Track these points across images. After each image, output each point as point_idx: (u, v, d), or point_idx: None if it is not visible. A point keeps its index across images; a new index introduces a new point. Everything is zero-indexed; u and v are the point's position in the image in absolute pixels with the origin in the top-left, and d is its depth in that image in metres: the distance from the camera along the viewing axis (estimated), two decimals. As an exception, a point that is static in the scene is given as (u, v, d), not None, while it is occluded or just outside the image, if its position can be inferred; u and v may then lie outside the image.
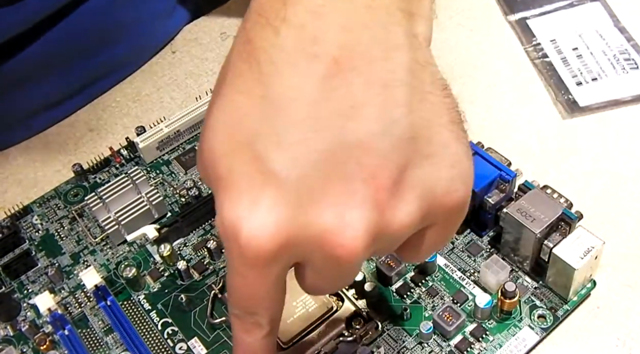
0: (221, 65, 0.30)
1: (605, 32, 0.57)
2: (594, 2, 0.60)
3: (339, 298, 0.41)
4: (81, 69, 0.55)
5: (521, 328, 0.40)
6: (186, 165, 0.51)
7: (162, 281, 0.44)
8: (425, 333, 0.39)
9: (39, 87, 0.53)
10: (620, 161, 0.48)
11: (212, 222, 0.47)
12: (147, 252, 0.46)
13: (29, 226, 0.49)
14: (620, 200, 0.46)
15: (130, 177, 0.47)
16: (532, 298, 0.41)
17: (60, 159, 0.54)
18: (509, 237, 0.42)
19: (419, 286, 0.42)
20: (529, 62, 0.56)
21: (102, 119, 0.57)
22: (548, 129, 0.51)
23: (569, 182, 0.47)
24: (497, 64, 0.57)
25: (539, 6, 0.60)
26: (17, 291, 0.45)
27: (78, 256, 0.46)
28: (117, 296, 0.44)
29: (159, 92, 0.59)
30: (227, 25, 0.64)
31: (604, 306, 0.41)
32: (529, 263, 0.41)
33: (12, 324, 0.43)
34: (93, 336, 0.42)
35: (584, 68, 0.54)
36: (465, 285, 0.42)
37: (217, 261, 0.45)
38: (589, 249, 0.39)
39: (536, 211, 0.40)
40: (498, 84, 0.55)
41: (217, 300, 0.43)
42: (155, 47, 0.61)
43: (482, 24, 0.60)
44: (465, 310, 0.41)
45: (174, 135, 0.51)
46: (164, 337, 0.42)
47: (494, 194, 0.42)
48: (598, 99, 0.52)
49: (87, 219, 0.48)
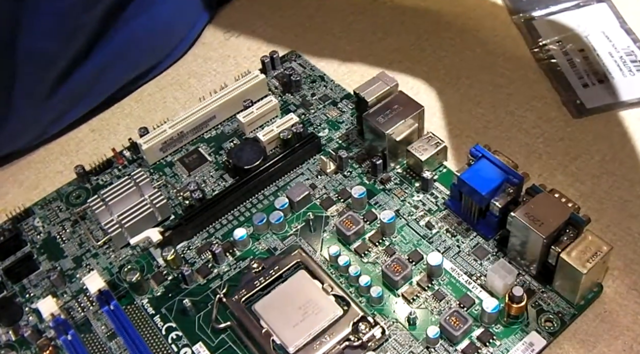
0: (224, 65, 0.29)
1: (611, 34, 0.56)
2: (600, 3, 0.59)
3: (345, 303, 0.41)
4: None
5: (528, 333, 0.40)
6: (190, 167, 0.50)
7: (166, 285, 0.44)
8: (432, 338, 0.39)
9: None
10: (628, 163, 0.48)
11: (216, 225, 0.47)
12: (150, 256, 0.46)
13: (31, 229, 0.48)
14: (628, 203, 0.46)
15: (133, 179, 0.47)
16: (539, 302, 0.41)
17: (61, 160, 0.54)
18: (516, 241, 0.41)
19: (426, 290, 0.42)
20: (535, 63, 0.56)
21: (103, 120, 0.57)
22: (555, 131, 0.51)
23: (576, 185, 0.47)
24: (503, 65, 0.56)
25: (545, 7, 0.60)
26: (19, 295, 0.45)
27: (80, 259, 0.46)
28: (121, 300, 0.43)
29: (161, 92, 0.58)
30: (230, 25, 0.64)
31: (612, 311, 0.41)
32: (536, 267, 0.41)
33: (14, 329, 0.43)
34: (96, 341, 0.42)
35: (590, 70, 0.54)
36: (472, 289, 0.42)
37: (222, 264, 0.44)
38: (597, 254, 0.39)
39: (544, 215, 0.40)
40: (504, 86, 0.55)
41: (222, 304, 0.42)
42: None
43: (488, 25, 0.60)
44: (472, 314, 0.40)
45: (177, 136, 0.51)
46: (168, 342, 0.41)
47: (501, 197, 0.42)
48: (605, 100, 0.52)
49: (90, 222, 0.48)
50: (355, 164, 0.49)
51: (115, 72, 0.56)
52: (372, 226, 0.45)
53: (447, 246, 0.44)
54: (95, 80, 0.55)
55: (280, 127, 0.50)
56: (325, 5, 0.65)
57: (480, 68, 0.56)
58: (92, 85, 0.55)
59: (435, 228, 0.45)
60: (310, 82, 0.56)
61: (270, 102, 0.52)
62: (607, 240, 0.39)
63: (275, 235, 0.46)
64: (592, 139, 0.50)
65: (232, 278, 0.44)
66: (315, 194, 0.48)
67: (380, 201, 0.47)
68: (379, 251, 0.44)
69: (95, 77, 0.55)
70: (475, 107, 0.53)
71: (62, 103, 0.54)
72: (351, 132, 0.51)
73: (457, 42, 0.59)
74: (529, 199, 0.41)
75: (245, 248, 0.45)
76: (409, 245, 0.44)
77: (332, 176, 0.49)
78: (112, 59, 0.55)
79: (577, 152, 0.49)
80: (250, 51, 0.61)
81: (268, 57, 0.56)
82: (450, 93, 0.55)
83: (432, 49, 0.59)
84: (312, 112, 0.53)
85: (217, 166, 0.50)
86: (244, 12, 0.65)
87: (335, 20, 0.63)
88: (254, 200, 0.48)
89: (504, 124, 0.52)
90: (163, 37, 0.59)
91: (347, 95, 0.54)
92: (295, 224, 0.46)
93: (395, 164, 0.49)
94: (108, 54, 0.55)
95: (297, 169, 0.49)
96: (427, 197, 0.47)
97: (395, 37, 0.60)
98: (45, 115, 0.54)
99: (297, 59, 0.58)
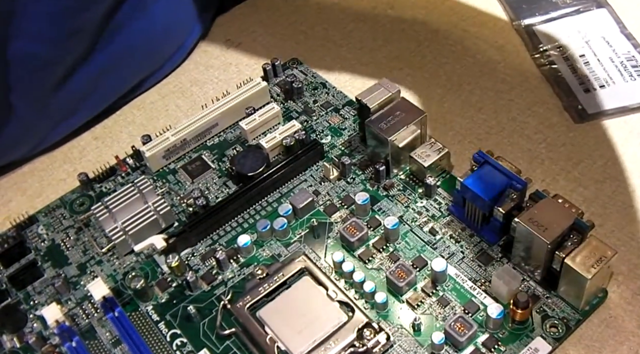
0: (226, 72, 0.29)
1: (612, 39, 0.57)
2: (601, 8, 0.60)
3: (350, 309, 0.41)
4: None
5: (533, 338, 0.40)
6: (193, 174, 0.50)
7: (170, 291, 0.44)
8: (437, 344, 0.39)
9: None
10: (630, 168, 0.48)
11: (220, 232, 0.47)
12: (154, 263, 0.46)
13: (35, 236, 0.48)
14: (631, 208, 0.46)
15: (136, 186, 0.47)
16: (544, 307, 0.41)
17: (65, 167, 0.54)
18: (520, 247, 0.41)
19: (430, 296, 0.42)
20: (536, 69, 0.56)
21: (106, 127, 0.57)
22: (557, 137, 0.51)
23: (579, 190, 0.47)
24: (504, 71, 0.56)
25: (545, 13, 0.60)
26: (24, 302, 0.45)
27: (85, 266, 0.46)
28: (125, 307, 0.43)
29: (164, 100, 0.58)
30: (231, 33, 0.64)
31: (617, 316, 0.41)
32: (541, 273, 0.41)
33: (19, 336, 0.43)
34: (101, 348, 0.42)
35: (591, 75, 0.54)
36: (477, 295, 0.42)
37: (226, 271, 0.45)
38: (601, 259, 0.39)
39: (548, 220, 0.40)
40: (505, 92, 0.55)
41: (226, 311, 0.42)
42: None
43: (488, 31, 0.60)
44: (477, 320, 0.40)
45: (180, 143, 0.51)
46: (173, 349, 0.41)
47: (505, 203, 0.42)
48: (606, 105, 0.52)
49: (94, 229, 0.48)
50: (358, 171, 0.49)
51: (114, 79, 0.56)
52: (376, 232, 0.45)
53: (451, 252, 0.44)
54: (94, 87, 0.55)
55: (282, 134, 0.50)
56: (326, 13, 0.65)
57: (481, 74, 0.56)
58: (90, 92, 0.55)
59: (439, 234, 0.45)
60: (312, 89, 0.56)
61: (272, 109, 0.52)
62: (611, 245, 0.39)
63: (279, 241, 0.46)
64: (595, 144, 0.50)
65: (236, 284, 0.44)
66: (318, 200, 0.48)
67: (384, 207, 0.47)
68: (383, 257, 0.44)
69: (93, 83, 0.54)
70: (477, 113, 0.53)
71: (61, 110, 0.54)
72: (354, 139, 0.52)
73: (458, 49, 0.59)
74: (533, 205, 0.41)
75: (249, 255, 0.45)
76: (413, 251, 0.44)
77: (336, 183, 0.49)
78: (110, 65, 0.55)
79: (580, 157, 0.49)
80: (252, 59, 0.61)
81: (270, 65, 0.57)
82: (452, 99, 0.55)
83: (432, 56, 0.59)
84: (315, 119, 0.53)
85: (220, 173, 0.50)
86: (245, 20, 0.65)
87: (336, 27, 0.63)
88: (257, 207, 0.48)
89: (506, 130, 0.52)
90: (162, 42, 0.59)
91: (349, 102, 0.54)
92: (299, 230, 0.46)
93: (398, 171, 0.49)
94: (105, 60, 0.54)
95: (300, 175, 0.49)
96: (430, 204, 0.47)
97: (396, 44, 0.60)
98: (44, 121, 0.54)
99: (299, 66, 0.58)
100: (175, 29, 0.60)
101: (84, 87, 0.54)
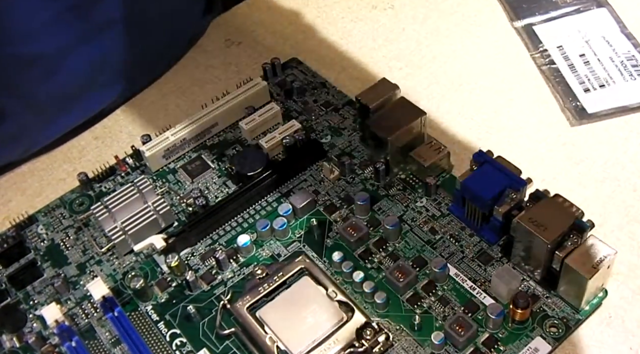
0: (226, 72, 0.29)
1: (612, 39, 0.57)
2: (601, 8, 0.60)
3: (349, 309, 0.41)
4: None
5: (533, 338, 0.40)
6: (192, 173, 0.50)
7: (170, 291, 0.44)
8: (437, 344, 0.39)
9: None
10: (630, 168, 0.48)
11: (220, 231, 0.47)
12: (154, 263, 0.46)
13: (34, 236, 0.48)
14: (631, 207, 0.46)
15: (136, 186, 0.47)
16: (543, 307, 0.41)
17: (64, 167, 0.54)
18: (520, 247, 0.41)
19: (430, 296, 0.42)
20: (536, 68, 0.56)
21: (106, 127, 0.57)
22: (556, 136, 0.51)
23: (578, 190, 0.47)
24: (503, 70, 0.56)
25: (545, 12, 0.60)
26: (23, 302, 0.45)
27: (84, 266, 0.46)
28: (125, 306, 0.43)
29: (163, 100, 0.58)
30: (231, 32, 0.64)
31: (616, 316, 0.41)
32: (540, 272, 0.41)
33: (19, 335, 0.43)
34: (101, 347, 0.42)
35: (591, 74, 0.54)
36: (476, 295, 0.42)
37: (225, 271, 0.44)
38: (602, 259, 0.39)
39: (547, 220, 0.40)
40: (505, 91, 0.55)
41: (226, 311, 0.42)
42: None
43: (488, 30, 0.60)
44: (477, 320, 0.40)
45: (180, 143, 0.51)
46: (173, 348, 0.41)
47: (505, 202, 0.42)
48: (606, 105, 0.52)
49: (93, 229, 0.48)
50: (358, 170, 0.49)
51: (107, 77, 0.55)
52: (375, 232, 0.45)
53: (451, 251, 0.44)
54: (86, 87, 0.54)
55: (282, 134, 0.50)
56: (326, 13, 0.65)
57: (481, 74, 0.56)
58: (82, 92, 0.54)
59: (439, 234, 0.45)
60: (311, 89, 0.56)
61: (272, 109, 0.52)
62: (611, 245, 0.39)
63: (279, 241, 0.46)
64: (595, 144, 0.50)
65: (236, 284, 0.44)
66: (318, 200, 0.48)
67: (384, 207, 0.47)
68: (383, 257, 0.44)
69: (84, 79, 0.54)
70: (477, 112, 0.53)
71: (52, 107, 0.53)
72: (354, 139, 0.51)
73: (458, 48, 0.59)
74: (533, 204, 0.41)
75: (249, 254, 0.45)
76: (412, 251, 0.44)
77: (335, 182, 0.49)
78: (100, 62, 0.54)
79: (580, 157, 0.49)
80: (252, 58, 0.61)
81: (269, 64, 0.57)
82: (452, 99, 0.55)
83: (432, 55, 0.59)
84: (314, 119, 0.53)
85: (220, 172, 0.50)
86: (244, 20, 0.65)
87: (335, 27, 0.63)
88: (257, 206, 0.48)
89: (506, 130, 0.52)
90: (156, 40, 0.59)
91: (349, 101, 0.54)
92: (298, 230, 0.46)
93: (398, 170, 0.49)
94: (98, 57, 0.54)
95: (300, 175, 0.49)
96: (430, 203, 0.47)
97: (395, 43, 0.60)
98: (35, 119, 0.53)
99: (299, 65, 0.58)
100: (172, 25, 0.60)
101: (73, 84, 0.53)
